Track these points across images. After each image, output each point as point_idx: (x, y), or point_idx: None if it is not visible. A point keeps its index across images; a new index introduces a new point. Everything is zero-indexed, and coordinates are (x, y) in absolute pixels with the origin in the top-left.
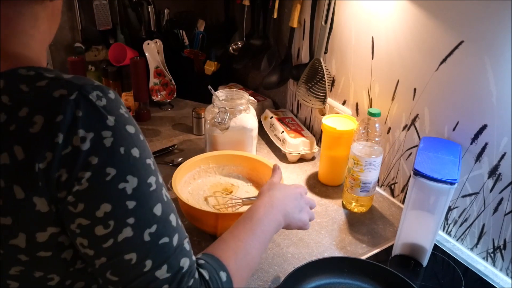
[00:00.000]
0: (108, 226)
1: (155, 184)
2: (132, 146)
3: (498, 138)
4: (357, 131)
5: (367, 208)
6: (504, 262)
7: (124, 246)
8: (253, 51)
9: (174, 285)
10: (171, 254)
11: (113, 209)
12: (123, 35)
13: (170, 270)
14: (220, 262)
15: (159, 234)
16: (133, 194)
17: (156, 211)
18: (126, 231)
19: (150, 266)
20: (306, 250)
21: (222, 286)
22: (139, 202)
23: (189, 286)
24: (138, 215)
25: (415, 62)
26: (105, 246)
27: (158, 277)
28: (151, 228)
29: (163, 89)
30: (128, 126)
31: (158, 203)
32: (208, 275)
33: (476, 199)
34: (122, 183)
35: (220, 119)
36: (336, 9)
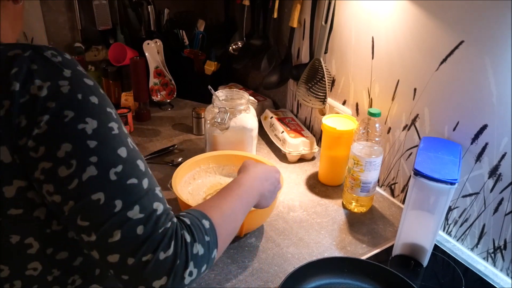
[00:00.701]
0: (71, 166)
1: (118, 130)
2: (90, 94)
3: (498, 138)
4: (357, 131)
5: (367, 208)
6: (505, 262)
7: (89, 186)
8: (253, 51)
9: (149, 225)
10: (142, 195)
11: (74, 148)
12: (123, 35)
13: (143, 211)
14: (202, 213)
15: (126, 174)
16: (93, 134)
17: (120, 152)
18: (89, 170)
19: (120, 206)
20: (306, 250)
21: (206, 233)
22: (101, 142)
23: (166, 227)
24: (100, 154)
25: (415, 62)
26: (71, 187)
27: (131, 217)
28: (116, 167)
29: (163, 89)
30: (86, 79)
31: (123, 147)
32: (190, 222)
33: (477, 199)
34: (81, 124)
35: (220, 119)
36: (336, 9)
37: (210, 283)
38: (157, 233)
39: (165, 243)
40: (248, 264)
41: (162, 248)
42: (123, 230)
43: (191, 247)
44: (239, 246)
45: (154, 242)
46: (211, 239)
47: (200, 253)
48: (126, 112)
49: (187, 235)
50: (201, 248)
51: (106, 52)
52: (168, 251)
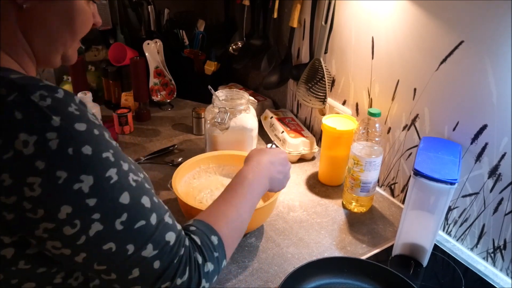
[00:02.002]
0: (75, 226)
1: (117, 175)
2: (82, 145)
3: (498, 138)
4: (357, 131)
5: (367, 208)
6: (504, 262)
7: (98, 239)
8: (253, 51)
9: (164, 258)
10: (152, 233)
11: (74, 210)
12: (123, 35)
13: (157, 247)
14: (211, 227)
15: (132, 220)
16: (91, 192)
17: (123, 200)
18: (95, 226)
19: (133, 250)
20: (306, 250)
21: (214, 249)
22: (100, 198)
23: (181, 255)
24: (102, 210)
25: (415, 62)
26: (79, 243)
27: (146, 256)
28: (121, 217)
29: (163, 89)
30: (77, 124)
31: (124, 192)
32: (200, 241)
33: (476, 199)
34: (76, 183)
35: (220, 119)
36: (336, 9)
37: None
38: (173, 263)
39: (181, 270)
40: (248, 264)
41: (179, 275)
42: (141, 268)
43: (203, 267)
44: (239, 246)
45: (171, 271)
46: (220, 254)
47: (211, 270)
48: (126, 112)
49: (199, 257)
50: (211, 265)
51: (106, 52)
52: (184, 276)
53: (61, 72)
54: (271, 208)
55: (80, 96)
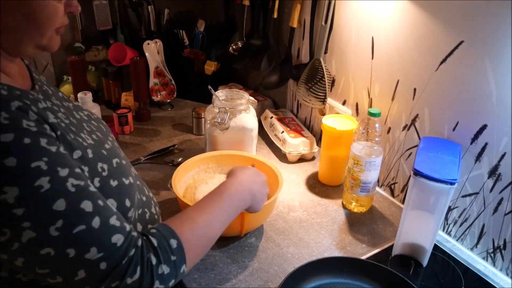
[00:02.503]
0: (5, 234)
1: (49, 183)
2: (5, 157)
3: (498, 138)
4: (357, 131)
5: (367, 208)
6: (504, 262)
7: (33, 245)
8: (253, 51)
9: (111, 260)
10: (94, 237)
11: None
12: (123, 35)
13: (102, 250)
14: (172, 231)
15: (70, 225)
16: (17, 202)
17: (57, 207)
18: (26, 234)
19: (74, 253)
20: (306, 250)
21: (172, 253)
22: (29, 207)
23: (130, 256)
24: (32, 218)
25: (415, 62)
26: (14, 249)
27: (90, 258)
28: (55, 224)
29: (163, 89)
30: (3, 135)
31: (59, 199)
32: (157, 243)
33: (476, 199)
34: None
35: (220, 119)
36: (336, 9)
37: (210, 283)
38: (122, 264)
39: (131, 270)
40: (248, 264)
41: (129, 275)
42: (86, 270)
43: (156, 268)
44: (239, 246)
45: (120, 271)
46: (178, 257)
47: (166, 272)
48: (126, 112)
49: (153, 258)
50: (167, 267)
51: (106, 52)
52: (135, 276)
53: (61, 72)
54: (271, 208)
55: (80, 96)
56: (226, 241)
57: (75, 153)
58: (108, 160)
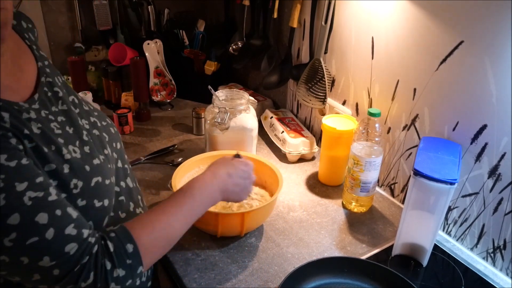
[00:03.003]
0: None
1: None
2: None
3: (498, 138)
4: (357, 131)
5: (367, 208)
6: (504, 262)
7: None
8: (253, 51)
9: (64, 267)
10: (47, 247)
11: None
12: (123, 35)
13: (54, 258)
14: (129, 235)
15: (23, 237)
16: None
17: (11, 221)
18: None
19: (27, 261)
20: (306, 250)
21: (128, 257)
22: None
23: (83, 263)
24: None
25: (415, 62)
26: None
27: (43, 265)
28: (9, 236)
29: (163, 89)
30: None
31: (14, 214)
32: (113, 248)
33: (476, 199)
34: None
35: (220, 119)
36: (336, 9)
37: (210, 283)
38: (74, 271)
39: (84, 275)
40: (248, 264)
41: (83, 279)
42: (40, 274)
43: (111, 273)
44: (239, 246)
45: (73, 277)
46: (133, 261)
47: (121, 275)
48: (126, 112)
49: (107, 263)
50: (122, 271)
51: (106, 52)
52: (88, 280)
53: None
54: (270, 208)
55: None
56: (226, 241)
57: (47, 166)
58: (86, 178)
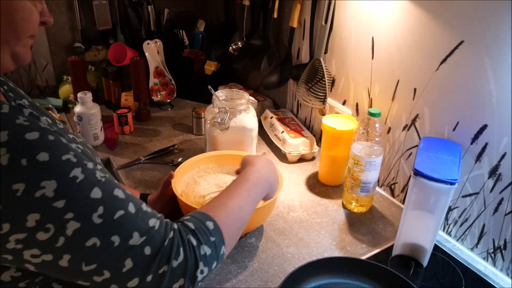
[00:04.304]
0: (49, 230)
1: (82, 173)
2: (36, 152)
3: (498, 138)
4: (357, 131)
5: (367, 208)
6: (505, 262)
7: (78, 237)
8: (253, 51)
9: (154, 243)
10: (134, 221)
11: (43, 215)
12: (123, 35)
13: (143, 233)
14: (206, 214)
15: (110, 211)
16: (57, 195)
17: (94, 195)
18: (71, 225)
19: (119, 241)
20: (306, 250)
21: (210, 234)
22: (69, 197)
23: (171, 238)
24: (74, 208)
25: (415, 62)
26: (58, 245)
27: (134, 244)
28: (97, 211)
29: (163, 89)
30: (29, 134)
31: (94, 188)
32: (194, 225)
33: (476, 199)
34: (38, 191)
35: (220, 119)
36: (336, 9)
37: (210, 283)
38: (165, 246)
39: (175, 252)
40: (248, 264)
41: (174, 257)
42: (133, 257)
43: (198, 249)
44: (239, 246)
45: (165, 254)
46: (217, 238)
47: (208, 253)
48: (126, 112)
49: (192, 239)
50: (208, 248)
51: (106, 52)
52: (179, 257)
53: (61, 72)
54: (271, 208)
55: (80, 96)
56: None
57: None
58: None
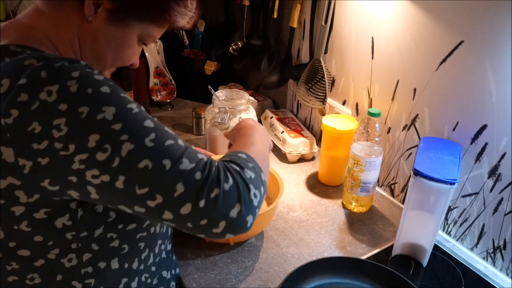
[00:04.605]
0: (106, 150)
1: (137, 108)
2: (100, 85)
3: (498, 138)
4: (357, 131)
5: (367, 208)
6: (504, 262)
7: (132, 158)
8: (253, 51)
9: (203, 169)
10: (184, 150)
11: (102, 136)
12: None
13: (192, 161)
14: (236, 152)
15: (161, 138)
16: (115, 119)
17: (147, 124)
18: (125, 146)
19: (170, 164)
20: (306, 250)
21: (246, 160)
22: (125, 122)
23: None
24: (129, 131)
25: (415, 62)
26: (114, 165)
27: (185, 169)
28: (149, 136)
29: (163, 89)
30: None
31: (147, 119)
32: (229, 158)
33: (476, 199)
34: (99, 114)
35: (220, 119)
36: (336, 9)
37: (210, 283)
38: (213, 172)
39: (223, 176)
40: (248, 264)
41: (224, 180)
42: (184, 181)
43: (243, 173)
44: (239, 246)
45: (214, 178)
46: (254, 164)
47: (253, 177)
48: None
49: (235, 166)
50: (251, 172)
51: None
52: (229, 180)
53: None
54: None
55: None
56: None
57: None
58: None
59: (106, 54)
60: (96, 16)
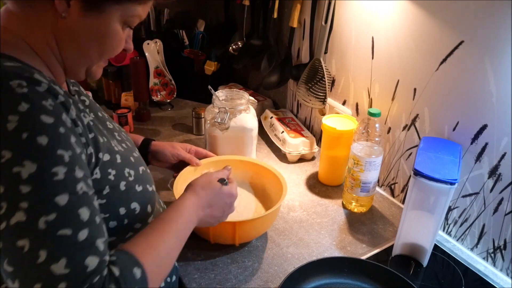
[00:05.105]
0: (1, 208)
1: (64, 174)
2: (39, 134)
3: (498, 138)
4: (357, 131)
5: (367, 208)
6: (504, 262)
7: (16, 231)
8: (253, 51)
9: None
10: (72, 248)
11: (5, 191)
12: None
13: (69, 266)
14: (135, 259)
15: (58, 224)
16: (28, 179)
17: (58, 200)
18: (18, 215)
19: (44, 258)
20: (306, 250)
21: (135, 283)
22: (35, 188)
23: (92, 284)
24: (32, 201)
25: (415, 62)
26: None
27: (54, 271)
28: (48, 216)
29: (163, 89)
30: (44, 116)
31: (64, 194)
32: (119, 272)
33: (476, 199)
34: (16, 166)
35: (220, 119)
36: (336, 9)
37: (210, 283)
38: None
39: None
40: (248, 264)
41: None
42: (43, 285)
43: None
44: (239, 246)
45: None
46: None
47: None
48: (126, 112)
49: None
50: None
51: None
52: None
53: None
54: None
55: None
56: None
57: (105, 156)
58: (135, 167)
59: (90, 49)
60: (70, 10)
